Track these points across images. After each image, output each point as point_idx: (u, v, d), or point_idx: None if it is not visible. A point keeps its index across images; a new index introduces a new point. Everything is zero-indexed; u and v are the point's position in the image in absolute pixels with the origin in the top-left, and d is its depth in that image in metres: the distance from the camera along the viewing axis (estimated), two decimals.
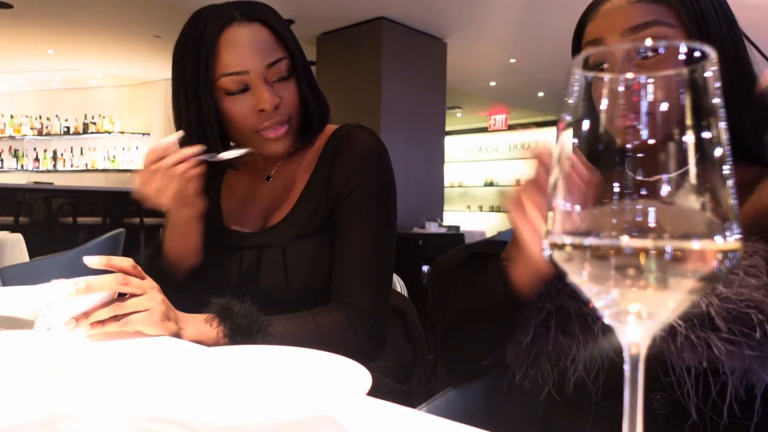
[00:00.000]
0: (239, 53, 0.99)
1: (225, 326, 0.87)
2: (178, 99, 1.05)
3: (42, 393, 0.55)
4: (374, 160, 1.07)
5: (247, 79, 1.00)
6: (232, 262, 1.07)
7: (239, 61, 0.99)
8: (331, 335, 0.94)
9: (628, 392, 0.32)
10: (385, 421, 0.56)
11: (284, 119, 1.03)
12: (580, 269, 0.31)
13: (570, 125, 0.32)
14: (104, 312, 0.81)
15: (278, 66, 1.01)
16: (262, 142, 1.04)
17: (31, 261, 2.48)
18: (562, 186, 0.32)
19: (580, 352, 0.72)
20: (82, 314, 0.79)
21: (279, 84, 1.03)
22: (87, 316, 0.80)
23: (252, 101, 1.00)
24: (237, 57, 0.99)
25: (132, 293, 0.84)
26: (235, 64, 0.99)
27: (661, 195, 0.29)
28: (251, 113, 1.01)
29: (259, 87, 1.00)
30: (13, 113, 9.06)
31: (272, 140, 1.03)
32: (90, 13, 5.69)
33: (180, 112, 1.05)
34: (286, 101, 1.03)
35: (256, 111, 1.00)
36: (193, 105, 1.02)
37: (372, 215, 1.03)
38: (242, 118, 1.01)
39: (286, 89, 1.03)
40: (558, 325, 0.74)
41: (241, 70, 0.99)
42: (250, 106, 1.01)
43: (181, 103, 1.04)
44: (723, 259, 0.29)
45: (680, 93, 0.29)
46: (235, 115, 1.01)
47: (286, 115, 1.03)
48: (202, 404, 0.55)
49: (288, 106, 1.04)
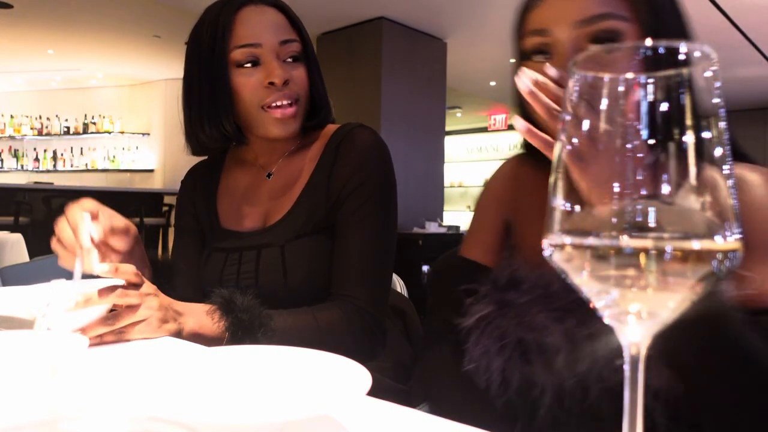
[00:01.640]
0: (253, 27, 1.03)
1: (227, 320, 0.87)
2: (191, 75, 1.07)
3: (42, 393, 0.55)
4: (376, 160, 1.07)
5: (260, 53, 1.03)
6: (231, 262, 1.07)
7: (253, 34, 1.02)
8: (330, 332, 0.94)
9: (628, 392, 0.32)
10: (385, 421, 0.56)
11: (293, 97, 1.04)
12: (580, 269, 0.31)
13: (568, 124, 0.32)
14: (102, 327, 0.80)
15: (291, 45, 1.05)
16: (269, 122, 1.04)
17: (31, 261, 2.48)
18: (563, 184, 0.32)
19: (547, 384, 0.69)
20: (79, 330, 0.79)
21: (290, 64, 1.06)
22: (85, 332, 0.79)
23: (263, 74, 1.03)
24: (251, 30, 1.02)
25: (129, 305, 0.83)
26: (249, 36, 1.02)
27: (661, 195, 0.29)
28: (260, 86, 1.03)
29: (270, 61, 1.03)
30: (13, 113, 9.06)
31: (278, 120, 1.04)
32: (90, 13, 5.68)
33: (192, 89, 1.07)
34: (296, 79, 1.05)
35: (266, 84, 1.02)
36: (205, 78, 1.04)
37: (372, 215, 1.03)
38: (251, 91, 1.03)
39: (297, 70, 1.06)
40: (522, 357, 0.71)
41: (254, 42, 1.02)
42: (259, 80, 1.03)
43: (194, 77, 1.06)
44: (723, 259, 0.29)
45: (680, 93, 0.29)
46: (245, 88, 1.03)
47: (295, 93, 1.05)
48: (202, 404, 0.55)
49: (298, 85, 1.06)
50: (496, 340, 0.72)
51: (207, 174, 1.22)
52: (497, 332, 0.72)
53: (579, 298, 0.68)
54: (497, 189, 0.93)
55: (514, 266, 0.77)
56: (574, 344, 0.67)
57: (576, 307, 0.68)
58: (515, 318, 0.72)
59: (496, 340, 0.72)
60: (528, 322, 0.70)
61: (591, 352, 0.65)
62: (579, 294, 0.69)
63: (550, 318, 0.69)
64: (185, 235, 1.18)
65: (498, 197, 0.91)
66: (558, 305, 0.69)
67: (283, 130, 1.05)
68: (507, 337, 0.71)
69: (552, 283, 0.72)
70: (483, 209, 0.93)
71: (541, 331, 0.69)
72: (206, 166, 1.23)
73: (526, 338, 0.70)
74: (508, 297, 0.74)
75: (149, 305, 0.84)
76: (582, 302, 0.68)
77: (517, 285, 0.74)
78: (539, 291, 0.72)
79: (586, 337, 0.66)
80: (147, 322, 0.83)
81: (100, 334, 0.81)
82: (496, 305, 0.74)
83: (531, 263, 0.77)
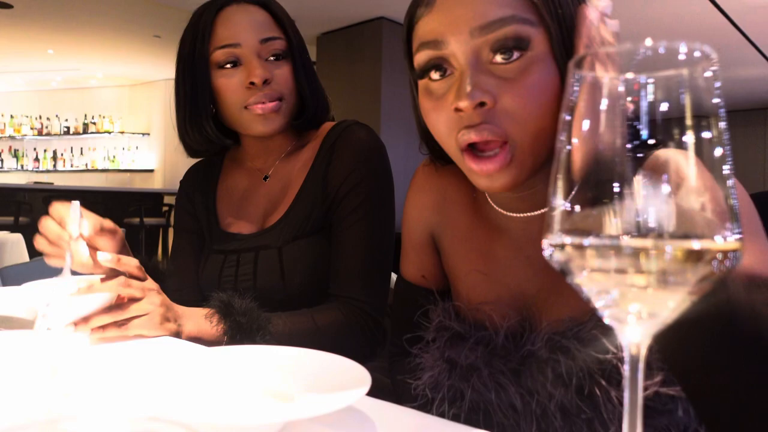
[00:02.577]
0: (232, 27, 1.02)
1: (225, 324, 0.87)
2: (177, 76, 1.08)
3: (42, 393, 0.55)
4: (371, 159, 1.06)
5: (240, 53, 1.02)
6: (230, 264, 1.07)
7: (232, 34, 1.02)
8: (329, 334, 0.94)
9: (628, 392, 0.32)
10: (385, 421, 0.56)
11: (275, 96, 1.03)
12: (580, 269, 0.31)
13: (568, 124, 0.32)
14: (104, 317, 0.80)
15: (272, 43, 1.03)
16: (251, 120, 1.04)
17: (31, 261, 2.48)
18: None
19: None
20: (81, 319, 0.79)
21: (273, 63, 1.04)
22: (87, 321, 0.80)
23: (243, 75, 1.02)
24: (230, 31, 1.02)
25: (131, 297, 0.83)
26: (229, 36, 1.02)
27: (661, 195, 0.29)
28: (241, 87, 1.02)
29: (250, 60, 1.02)
30: (13, 113, 9.06)
31: (260, 117, 1.03)
32: (90, 13, 5.68)
33: (179, 90, 1.08)
34: (278, 78, 1.03)
35: (246, 85, 1.02)
36: (188, 79, 1.05)
37: (370, 214, 1.03)
38: (232, 92, 1.03)
39: (280, 68, 1.04)
40: (484, 414, 0.67)
41: (233, 42, 1.01)
42: (240, 80, 1.02)
43: (179, 81, 1.07)
44: (723, 259, 0.29)
45: (680, 93, 0.29)
46: (226, 89, 1.03)
47: (278, 93, 1.03)
48: (202, 404, 0.55)
49: (280, 84, 1.04)
50: (453, 398, 0.69)
51: (206, 175, 1.21)
52: (452, 392, 0.69)
53: (525, 356, 0.65)
54: (417, 206, 0.84)
55: (453, 325, 0.71)
56: (531, 406, 0.64)
57: (524, 368, 0.65)
58: (466, 381, 0.68)
59: (454, 399, 0.69)
60: (480, 386, 0.67)
61: (552, 416, 0.62)
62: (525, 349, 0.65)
63: (502, 380, 0.66)
64: (185, 236, 1.18)
65: (419, 214, 0.84)
66: (507, 366, 0.66)
67: (266, 126, 1.03)
68: (464, 399, 0.68)
69: (494, 338, 0.68)
70: (409, 227, 0.85)
71: (495, 393, 0.66)
72: (205, 168, 1.23)
73: (482, 400, 0.67)
74: (453, 355, 0.69)
75: (152, 300, 0.84)
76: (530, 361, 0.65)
77: (459, 342, 0.70)
78: (482, 349, 0.68)
79: (544, 405, 0.63)
80: (149, 317, 0.82)
81: (102, 326, 0.80)
82: (445, 363, 0.70)
83: (468, 307, 0.73)
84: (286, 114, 1.06)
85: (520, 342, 0.67)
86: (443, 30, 0.61)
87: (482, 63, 0.60)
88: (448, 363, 0.70)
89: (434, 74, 0.63)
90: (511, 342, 0.67)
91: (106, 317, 0.80)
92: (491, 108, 0.59)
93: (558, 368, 0.62)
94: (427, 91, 0.65)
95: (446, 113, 0.62)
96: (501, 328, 0.68)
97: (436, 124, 0.64)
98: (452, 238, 0.79)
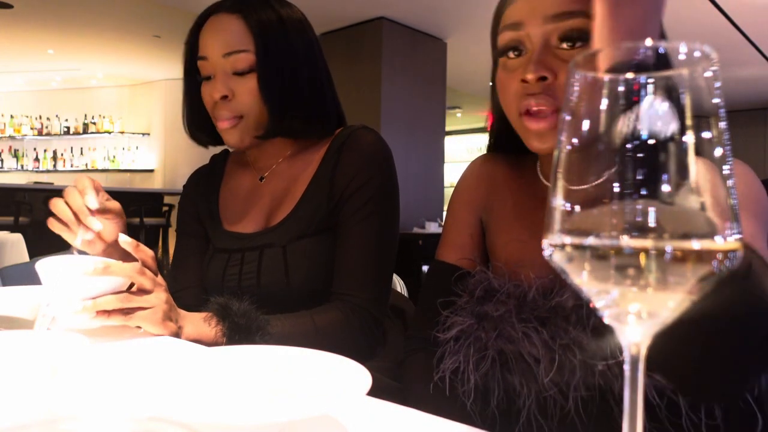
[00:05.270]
0: (205, 39, 1.04)
1: (224, 325, 0.87)
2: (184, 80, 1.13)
3: (42, 393, 0.55)
4: (378, 161, 1.07)
5: (208, 66, 1.04)
6: (234, 262, 1.07)
7: (203, 46, 1.04)
8: (329, 334, 0.95)
9: (628, 392, 0.32)
10: (385, 421, 0.56)
11: (233, 113, 1.04)
12: (580, 269, 0.31)
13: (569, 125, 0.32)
14: (111, 302, 0.80)
15: (235, 57, 1.01)
16: (220, 131, 1.08)
17: (31, 261, 2.48)
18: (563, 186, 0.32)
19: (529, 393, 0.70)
20: (91, 299, 0.79)
21: (236, 78, 1.03)
22: (96, 303, 0.79)
23: (210, 88, 1.04)
24: (203, 42, 1.04)
25: (141, 286, 0.84)
26: (201, 48, 1.04)
27: (661, 195, 0.29)
28: (208, 101, 1.05)
29: (215, 75, 1.04)
30: (13, 113, 9.07)
31: (222, 131, 1.06)
32: (90, 13, 5.69)
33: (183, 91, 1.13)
34: (238, 96, 1.03)
35: (210, 99, 1.04)
36: (185, 83, 1.10)
37: (374, 216, 1.03)
38: (206, 103, 1.07)
39: (242, 84, 1.03)
40: (503, 367, 0.72)
41: (202, 55, 1.04)
42: (209, 93, 1.05)
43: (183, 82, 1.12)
44: (723, 259, 0.29)
45: (680, 93, 0.29)
46: (203, 100, 1.07)
47: (236, 111, 1.04)
48: (202, 404, 0.55)
49: (239, 102, 1.03)
50: (477, 351, 0.74)
51: (209, 177, 1.22)
52: (477, 344, 0.74)
53: (554, 306, 0.70)
54: (468, 190, 0.94)
55: (489, 278, 0.78)
56: (553, 353, 0.68)
57: (551, 316, 0.70)
58: (493, 330, 0.73)
59: (477, 352, 0.74)
60: (507, 334, 0.72)
61: (571, 359, 0.67)
62: (554, 301, 0.70)
63: (529, 328, 0.71)
64: (187, 238, 1.18)
65: (469, 198, 0.93)
66: (534, 315, 0.71)
67: (228, 141, 1.08)
68: (487, 350, 0.73)
69: (526, 292, 0.74)
70: (455, 211, 0.94)
71: (520, 342, 0.71)
72: (208, 170, 1.24)
73: (506, 349, 0.72)
74: (484, 309, 0.75)
75: (159, 295, 0.84)
76: (558, 310, 0.70)
77: (493, 296, 0.76)
78: (514, 301, 0.74)
79: (565, 345, 0.68)
80: (153, 311, 0.82)
81: (107, 311, 0.80)
82: (474, 318, 0.76)
83: (506, 268, 0.80)
84: (247, 130, 1.05)
85: (550, 296, 0.73)
86: (523, 15, 0.72)
87: (550, 46, 0.71)
88: (478, 318, 0.75)
89: (512, 54, 0.75)
90: (540, 295, 0.73)
91: (115, 302, 0.80)
92: (551, 83, 0.70)
93: (580, 312, 0.68)
94: (504, 67, 0.76)
95: (515, 83, 0.73)
96: (533, 284, 0.74)
97: (506, 92, 0.76)
98: (499, 214, 0.88)
